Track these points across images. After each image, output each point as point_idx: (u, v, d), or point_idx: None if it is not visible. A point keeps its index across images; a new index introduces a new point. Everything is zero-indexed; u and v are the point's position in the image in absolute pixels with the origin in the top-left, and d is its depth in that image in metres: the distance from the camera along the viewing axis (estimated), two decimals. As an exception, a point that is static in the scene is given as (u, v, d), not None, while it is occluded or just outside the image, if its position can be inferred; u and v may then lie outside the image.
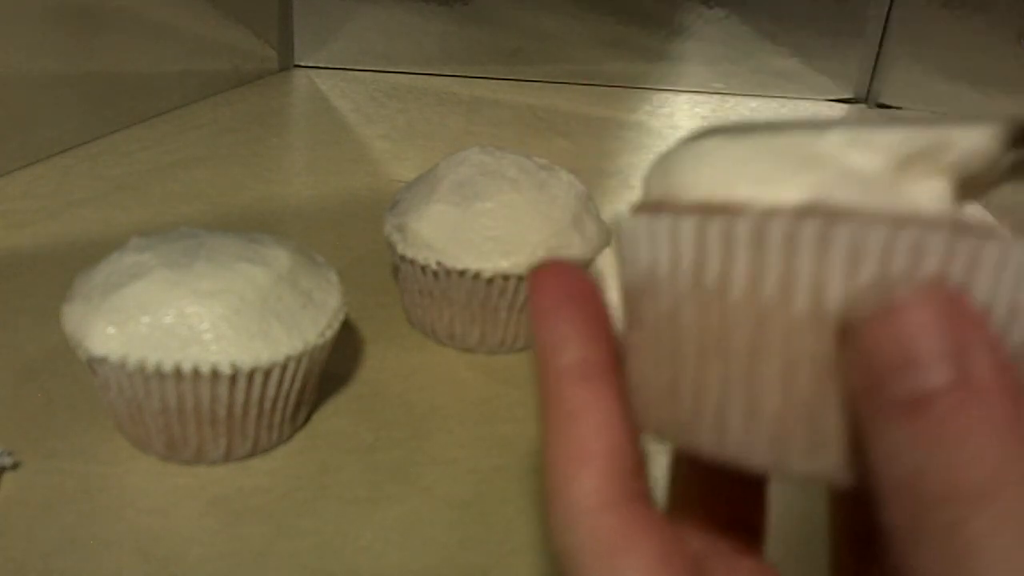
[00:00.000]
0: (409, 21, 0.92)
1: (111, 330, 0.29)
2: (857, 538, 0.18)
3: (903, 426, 0.12)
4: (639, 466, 0.16)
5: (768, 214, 0.13)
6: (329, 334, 0.32)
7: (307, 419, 0.35)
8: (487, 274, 0.38)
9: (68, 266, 0.35)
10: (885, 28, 0.92)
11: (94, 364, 0.30)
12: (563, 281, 0.17)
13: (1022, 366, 0.14)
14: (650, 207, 0.16)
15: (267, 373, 0.30)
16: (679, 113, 0.89)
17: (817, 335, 0.13)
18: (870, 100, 0.96)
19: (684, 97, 0.95)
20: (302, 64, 0.94)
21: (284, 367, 0.31)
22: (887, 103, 0.92)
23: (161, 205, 0.55)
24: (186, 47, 0.75)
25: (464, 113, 0.82)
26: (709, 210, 0.14)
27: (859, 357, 0.13)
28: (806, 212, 0.13)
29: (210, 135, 0.69)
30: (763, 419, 0.14)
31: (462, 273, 0.38)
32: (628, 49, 0.95)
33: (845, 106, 0.96)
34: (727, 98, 0.95)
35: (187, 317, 0.29)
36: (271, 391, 0.31)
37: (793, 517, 0.24)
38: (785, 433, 0.14)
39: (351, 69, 0.94)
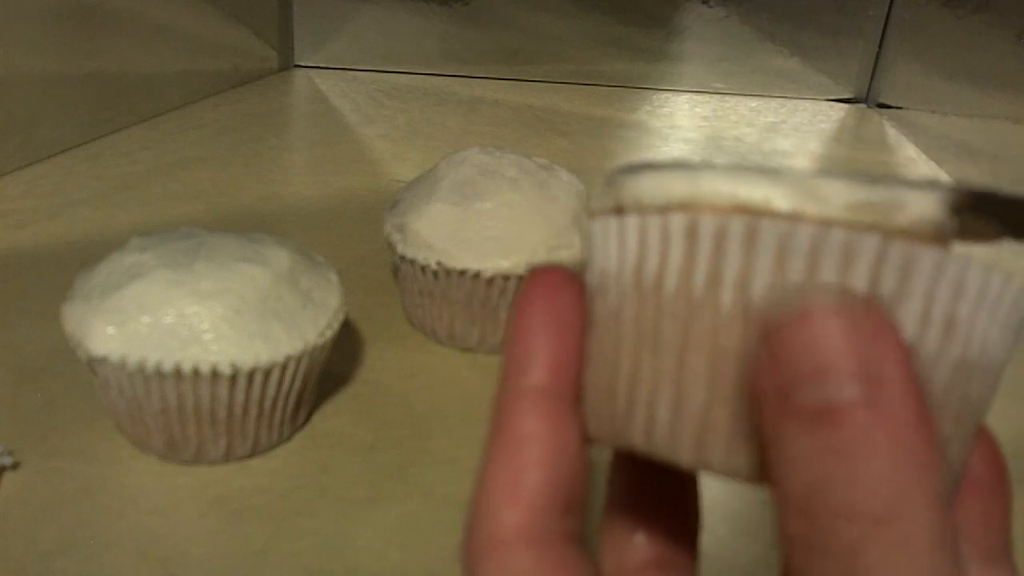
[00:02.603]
0: (409, 21, 0.92)
1: (111, 330, 0.29)
2: None
3: (808, 435, 0.12)
4: (574, 506, 0.15)
5: (701, 209, 0.14)
6: (329, 334, 0.32)
7: (307, 419, 0.35)
8: (487, 274, 0.38)
9: (68, 266, 0.35)
10: (885, 28, 0.92)
11: (94, 364, 0.30)
12: (553, 300, 0.16)
13: (959, 382, 0.13)
14: (607, 210, 0.16)
15: (267, 373, 0.30)
16: (679, 113, 0.89)
17: (743, 332, 0.13)
18: (870, 100, 0.96)
19: (684, 97, 0.95)
20: (302, 64, 0.94)
21: (284, 367, 0.31)
22: (887, 103, 0.92)
23: (161, 205, 0.55)
24: (186, 47, 0.75)
25: (464, 113, 0.82)
26: (655, 209, 0.14)
27: (772, 359, 0.13)
28: (740, 209, 0.13)
29: (210, 135, 0.69)
30: (689, 414, 0.14)
31: (462, 273, 0.38)
32: (628, 49, 0.95)
33: (845, 106, 0.96)
34: (727, 98, 0.95)
35: (187, 317, 0.29)
36: (271, 391, 0.31)
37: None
38: (709, 429, 0.14)
39: (351, 69, 0.94)
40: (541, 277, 0.16)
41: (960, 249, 0.14)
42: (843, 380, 0.12)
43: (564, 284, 0.16)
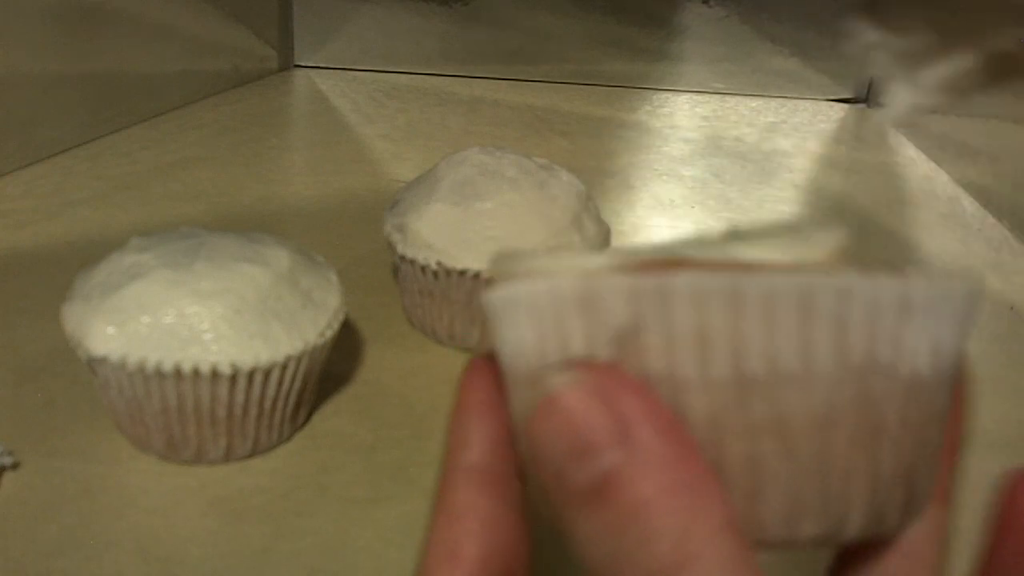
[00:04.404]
0: (409, 21, 0.92)
1: (111, 330, 0.29)
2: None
3: (589, 516, 0.12)
4: (512, 572, 0.16)
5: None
6: (329, 334, 0.32)
7: (307, 419, 0.35)
8: (487, 274, 0.38)
9: (68, 266, 0.35)
10: (885, 28, 0.92)
11: (94, 364, 0.30)
12: (491, 383, 0.17)
13: (722, 399, 0.13)
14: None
15: (267, 373, 0.30)
16: (679, 113, 0.89)
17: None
18: (870, 100, 0.96)
19: (684, 97, 0.95)
20: (302, 64, 0.94)
21: (284, 367, 0.31)
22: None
23: (161, 205, 0.55)
24: (186, 47, 0.75)
25: (464, 113, 0.82)
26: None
27: (534, 455, 0.13)
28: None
29: (210, 135, 0.69)
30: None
31: (462, 273, 0.38)
32: (628, 49, 0.95)
33: (845, 106, 0.96)
34: (727, 98, 0.95)
35: (187, 317, 0.29)
36: (271, 391, 0.31)
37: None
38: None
39: (351, 69, 0.94)
40: (478, 363, 0.17)
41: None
42: (600, 449, 0.12)
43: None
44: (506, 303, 0.15)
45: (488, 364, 0.17)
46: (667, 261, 0.13)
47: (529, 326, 0.14)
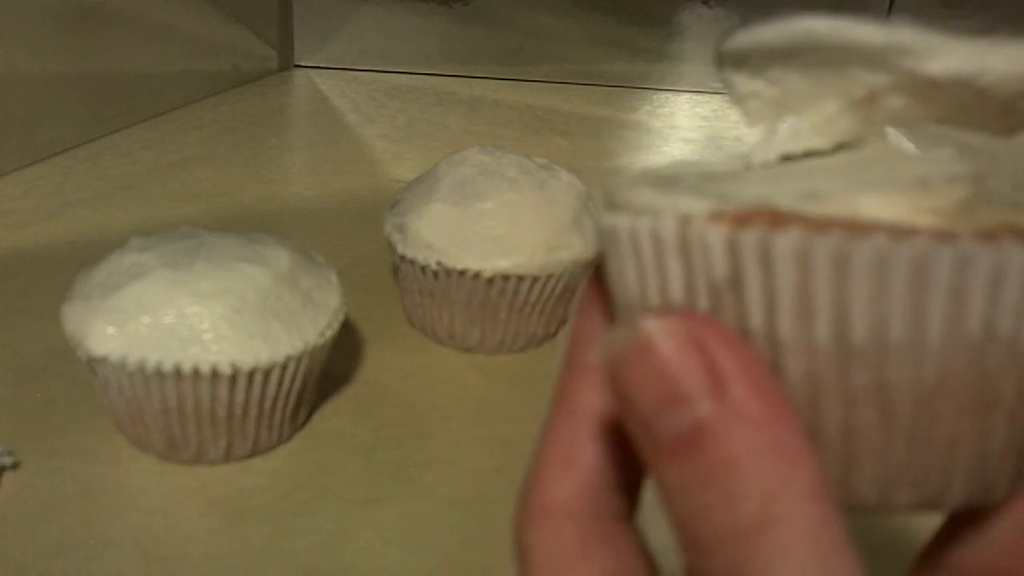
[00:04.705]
0: (409, 21, 0.92)
1: (111, 330, 0.29)
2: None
3: (676, 468, 0.12)
4: (627, 485, 0.15)
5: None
6: (329, 334, 0.32)
7: (307, 419, 0.35)
8: (487, 274, 0.38)
9: (68, 266, 0.35)
10: (885, 28, 0.92)
11: (94, 364, 0.30)
12: None
13: (821, 363, 0.13)
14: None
15: (267, 373, 0.30)
16: (679, 113, 0.89)
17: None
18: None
19: (684, 97, 0.95)
20: (302, 64, 0.94)
21: (284, 367, 0.31)
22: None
23: (161, 205, 0.55)
24: (186, 47, 0.75)
25: (464, 113, 0.82)
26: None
27: (623, 403, 0.12)
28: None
29: (210, 135, 0.69)
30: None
31: (462, 273, 0.38)
32: (628, 49, 0.95)
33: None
34: (727, 98, 0.95)
35: (187, 317, 0.29)
36: (271, 391, 0.31)
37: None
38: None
39: (351, 69, 0.94)
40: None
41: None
42: (693, 400, 0.12)
43: None
44: (610, 235, 0.14)
45: None
46: (771, 214, 0.12)
47: (631, 262, 0.14)
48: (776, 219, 0.12)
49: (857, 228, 0.12)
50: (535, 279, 0.38)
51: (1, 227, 0.50)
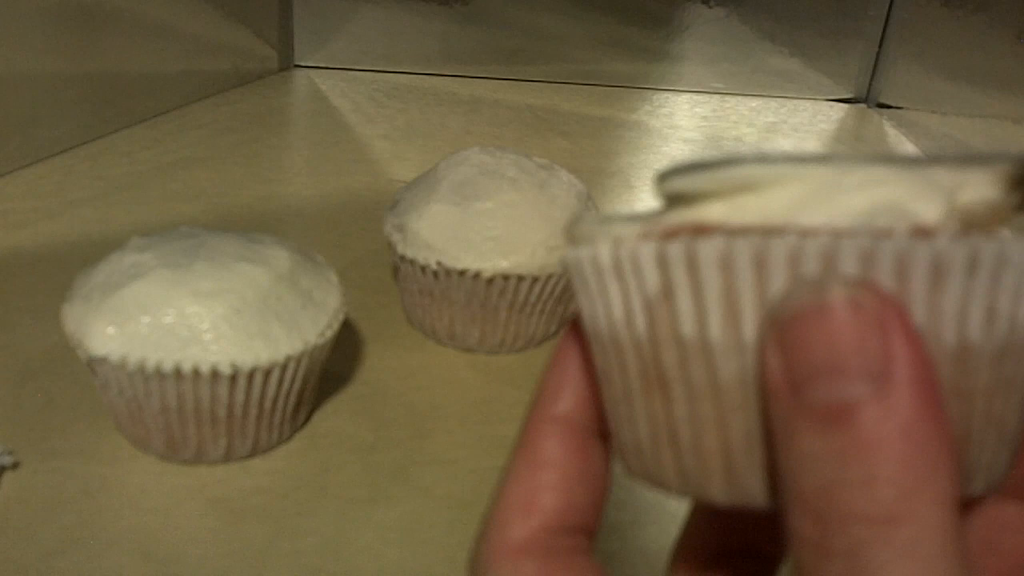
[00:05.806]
0: (409, 21, 0.92)
1: (111, 330, 0.29)
2: (699, 559, 0.18)
3: (821, 435, 0.12)
4: (585, 528, 0.15)
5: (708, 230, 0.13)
6: (329, 334, 0.32)
7: (307, 419, 0.35)
8: (487, 274, 0.38)
9: (68, 266, 0.35)
10: (885, 28, 0.92)
11: (94, 364, 0.30)
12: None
13: (1007, 366, 0.13)
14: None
15: (267, 373, 0.30)
16: (679, 113, 0.89)
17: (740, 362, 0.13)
18: (870, 100, 0.96)
19: (684, 97, 0.95)
20: (302, 64, 0.94)
21: (284, 367, 0.31)
22: (887, 103, 0.92)
23: (161, 205, 0.55)
24: (186, 47, 0.75)
25: (464, 113, 0.82)
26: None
27: (784, 352, 0.12)
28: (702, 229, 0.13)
29: (210, 135, 0.69)
30: (680, 447, 0.14)
31: (462, 273, 0.38)
32: (628, 49, 0.95)
33: (845, 106, 0.96)
34: (727, 98, 0.95)
35: (187, 317, 0.29)
36: (271, 391, 0.31)
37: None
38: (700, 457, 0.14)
39: (351, 69, 0.94)
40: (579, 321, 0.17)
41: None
42: (856, 378, 0.12)
43: None
44: (567, 269, 0.15)
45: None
46: (696, 226, 0.13)
47: (583, 292, 0.15)
48: (701, 230, 0.13)
49: (772, 230, 0.12)
50: (535, 279, 0.38)
51: (1, 227, 0.50)
